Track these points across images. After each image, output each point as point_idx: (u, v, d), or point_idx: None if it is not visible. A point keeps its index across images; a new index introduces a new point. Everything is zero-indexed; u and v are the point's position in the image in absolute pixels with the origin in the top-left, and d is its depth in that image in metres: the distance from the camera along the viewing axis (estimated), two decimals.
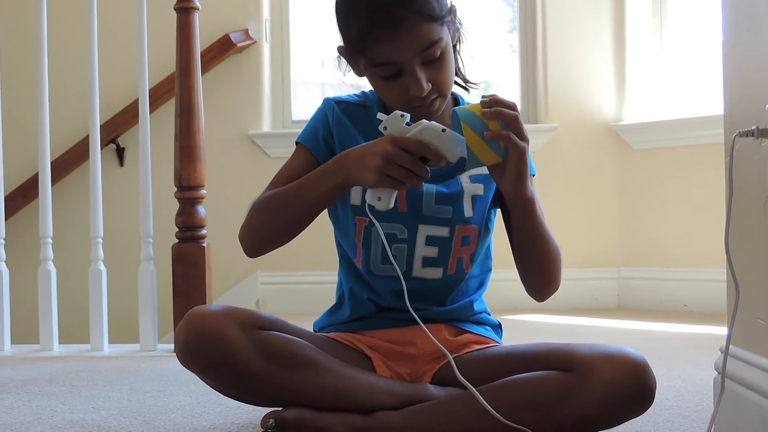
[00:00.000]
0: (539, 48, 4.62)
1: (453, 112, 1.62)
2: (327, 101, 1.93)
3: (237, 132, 4.58)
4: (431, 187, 1.81)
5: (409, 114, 1.64)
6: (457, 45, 1.86)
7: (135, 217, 3.23)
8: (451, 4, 1.79)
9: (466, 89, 1.94)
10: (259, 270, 4.54)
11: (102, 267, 3.18)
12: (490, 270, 1.97)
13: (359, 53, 1.74)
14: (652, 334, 3.59)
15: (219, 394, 1.78)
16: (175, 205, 3.11)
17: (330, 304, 2.00)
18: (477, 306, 1.93)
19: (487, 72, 4.84)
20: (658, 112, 4.54)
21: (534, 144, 4.47)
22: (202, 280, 3.07)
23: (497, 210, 1.92)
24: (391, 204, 1.66)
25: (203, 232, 3.12)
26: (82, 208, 3.88)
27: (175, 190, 3.11)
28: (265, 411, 1.73)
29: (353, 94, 1.95)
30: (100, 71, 3.24)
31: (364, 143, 1.68)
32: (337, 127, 1.88)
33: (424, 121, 1.63)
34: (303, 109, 4.73)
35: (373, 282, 1.87)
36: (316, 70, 4.92)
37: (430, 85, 1.72)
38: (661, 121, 4.45)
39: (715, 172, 3.09)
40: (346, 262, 1.93)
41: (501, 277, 1.82)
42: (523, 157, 1.61)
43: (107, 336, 3.19)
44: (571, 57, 4.59)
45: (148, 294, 3.14)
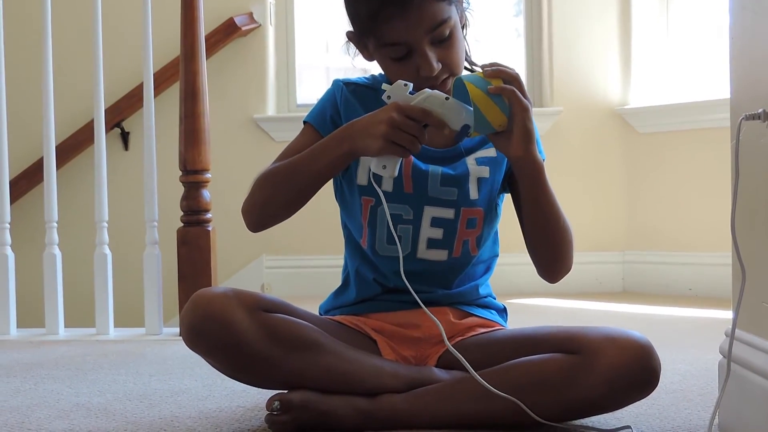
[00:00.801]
0: (544, 32, 4.60)
1: (456, 79, 1.64)
2: (336, 82, 1.93)
3: (242, 116, 4.58)
4: (437, 169, 1.81)
5: (412, 83, 1.65)
6: (465, 28, 1.87)
7: (140, 201, 3.23)
8: None
9: (471, 71, 1.93)
10: (264, 254, 4.55)
11: (107, 251, 3.18)
12: (497, 256, 1.97)
13: (368, 34, 1.74)
14: (657, 318, 3.59)
15: (224, 377, 1.78)
16: (180, 189, 3.11)
17: (335, 287, 2.00)
18: (482, 290, 1.93)
19: (492, 56, 4.82)
20: (664, 95, 4.52)
21: (539, 128, 4.40)
22: (207, 264, 3.07)
23: (505, 195, 1.92)
24: (396, 172, 1.67)
25: (208, 215, 3.12)
26: (87, 192, 3.88)
27: (179, 173, 3.11)
28: (270, 393, 1.74)
29: (362, 77, 1.95)
30: (105, 55, 3.23)
31: (369, 113, 1.69)
32: (345, 108, 1.87)
33: (427, 89, 1.64)
34: (308, 92, 4.73)
35: (379, 262, 1.87)
36: (321, 53, 4.92)
37: (441, 65, 1.72)
38: (666, 104, 4.44)
39: (721, 156, 3.09)
40: (352, 244, 1.93)
41: (506, 261, 1.82)
42: (527, 113, 1.64)
43: (113, 320, 3.20)
44: (576, 41, 4.58)
45: (154, 278, 3.14)
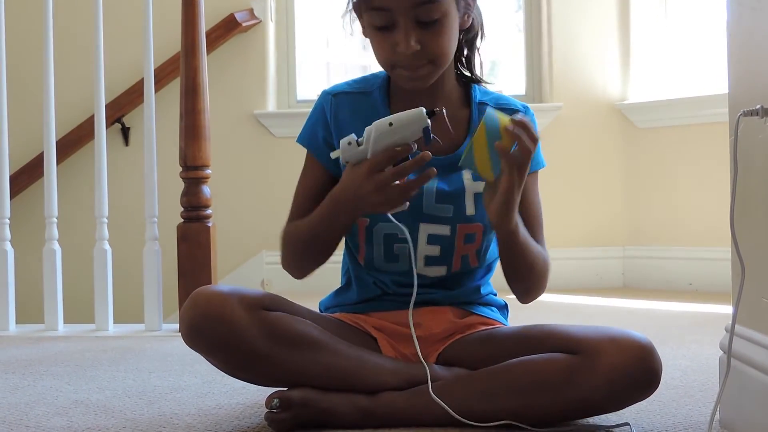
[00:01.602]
0: (544, 27, 4.60)
1: (487, 109, 1.64)
2: (324, 95, 1.90)
3: (242, 111, 4.58)
4: (432, 185, 1.79)
5: (353, 134, 1.65)
6: (475, 38, 1.86)
7: (140, 196, 3.23)
8: None
9: (476, 82, 1.92)
10: (264, 249, 4.55)
11: (107, 246, 3.19)
12: (498, 257, 1.96)
13: None
14: (658, 313, 3.59)
15: (224, 374, 1.78)
16: (181, 185, 3.11)
17: (335, 284, 2.00)
18: (483, 289, 1.93)
19: (493, 51, 4.83)
20: (663, 90, 4.53)
21: (539, 123, 4.43)
22: (207, 260, 3.07)
23: None
24: (406, 205, 1.67)
25: (208, 211, 3.12)
26: (87, 188, 3.88)
27: (180, 169, 3.11)
28: (270, 391, 1.73)
29: (353, 81, 1.93)
30: (106, 50, 3.23)
31: (343, 182, 1.69)
32: (336, 124, 1.86)
33: (367, 127, 1.63)
34: (308, 88, 4.73)
35: (378, 275, 1.87)
36: (322, 49, 4.92)
37: (419, 46, 1.71)
38: (666, 99, 4.44)
39: (720, 151, 3.08)
40: (352, 252, 1.93)
41: None
42: (515, 190, 1.62)
43: (112, 316, 3.20)
44: (576, 36, 4.57)
45: (153, 274, 3.14)
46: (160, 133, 3.30)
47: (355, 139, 1.64)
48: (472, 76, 1.91)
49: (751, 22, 1.57)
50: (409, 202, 1.67)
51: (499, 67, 4.93)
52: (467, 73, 1.91)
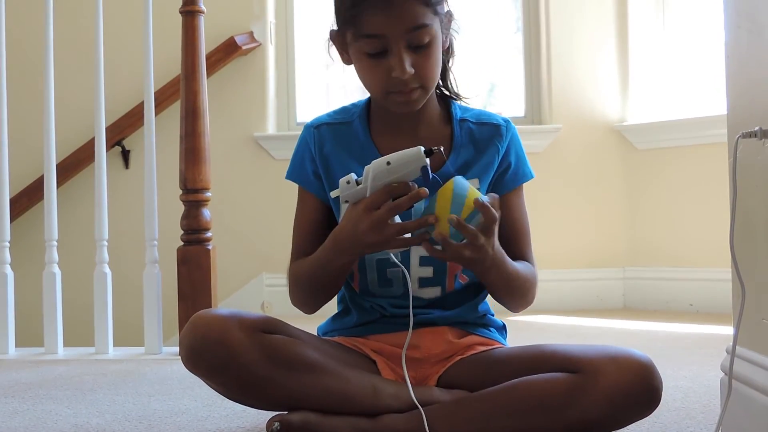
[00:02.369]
0: (543, 49, 4.61)
1: (456, 178, 1.63)
2: (307, 128, 1.92)
3: (242, 134, 4.58)
4: (419, 207, 1.78)
5: (353, 174, 1.65)
6: (449, 57, 1.88)
7: (140, 219, 3.23)
8: (449, 9, 1.80)
9: (455, 99, 1.93)
10: (264, 272, 4.54)
11: (107, 270, 3.18)
12: None
13: (349, 24, 1.74)
14: (658, 334, 3.58)
15: (224, 398, 1.77)
16: (181, 208, 3.11)
17: (331, 309, 2.00)
18: (481, 308, 1.93)
19: (492, 73, 4.84)
20: (662, 112, 4.54)
21: (538, 145, 4.47)
22: (207, 283, 3.06)
23: None
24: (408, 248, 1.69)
25: (208, 234, 3.12)
26: (87, 211, 3.88)
27: (180, 192, 3.11)
28: (270, 415, 1.73)
29: (332, 112, 1.95)
30: (106, 74, 3.24)
31: (342, 221, 1.69)
32: (321, 155, 1.88)
33: (365, 167, 1.64)
34: (308, 111, 4.73)
35: (373, 299, 1.88)
36: (321, 72, 4.93)
37: (413, 70, 1.72)
38: (664, 121, 4.45)
39: (719, 172, 3.08)
40: (346, 280, 1.93)
41: None
42: (463, 262, 1.64)
43: (112, 339, 3.19)
44: (574, 58, 4.59)
45: (153, 297, 3.14)
46: (160, 156, 3.30)
47: (354, 178, 1.65)
48: (450, 94, 1.92)
49: (749, 43, 1.58)
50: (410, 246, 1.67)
51: (498, 89, 4.94)
52: (446, 92, 1.92)
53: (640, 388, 1.61)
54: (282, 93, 4.72)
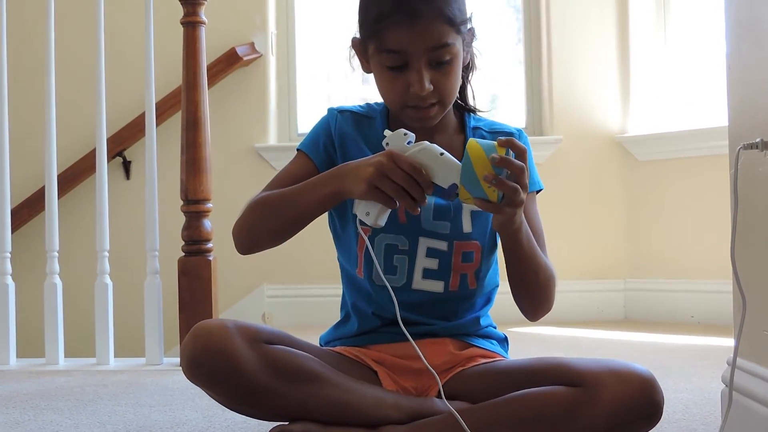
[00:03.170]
0: (544, 60, 4.62)
1: (469, 141, 1.60)
2: (331, 111, 1.94)
3: (243, 145, 4.59)
4: (430, 201, 1.81)
5: (413, 134, 1.65)
6: (469, 72, 1.89)
7: (141, 230, 3.23)
8: (472, 26, 1.81)
9: (472, 112, 1.94)
10: (265, 283, 4.54)
11: (108, 280, 3.18)
12: (497, 286, 1.96)
13: (372, 37, 1.75)
14: (659, 346, 3.58)
15: (225, 408, 1.77)
16: (182, 219, 3.11)
17: (336, 316, 2.00)
18: (483, 321, 1.93)
19: (493, 84, 4.85)
20: (663, 123, 4.54)
21: (539, 156, 4.46)
22: (208, 294, 3.07)
23: None
24: (380, 222, 1.66)
25: (209, 245, 3.12)
26: (88, 222, 3.88)
27: (181, 203, 3.11)
28: (271, 425, 1.73)
29: (358, 105, 1.96)
30: (107, 85, 3.25)
31: (365, 157, 1.69)
32: (339, 136, 1.89)
33: (426, 142, 1.63)
34: (309, 122, 4.73)
35: (375, 293, 1.87)
36: (322, 83, 4.93)
37: (432, 87, 1.73)
38: (666, 132, 4.45)
39: (720, 184, 3.09)
40: (349, 279, 1.93)
41: (508, 290, 1.82)
42: (515, 214, 1.62)
43: (113, 350, 3.19)
44: (575, 69, 4.59)
45: (154, 307, 3.14)
46: (161, 167, 3.30)
47: (412, 137, 1.65)
48: (466, 107, 1.93)
49: (750, 56, 1.58)
50: (382, 223, 1.67)
51: (500, 100, 4.95)
52: (462, 103, 1.93)
53: (641, 402, 1.60)
54: (283, 104, 4.73)
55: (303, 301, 4.50)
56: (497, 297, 1.99)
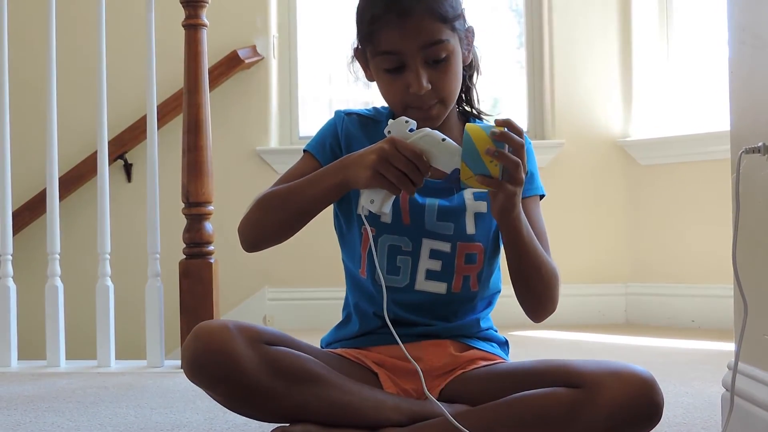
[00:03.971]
0: (546, 64, 4.62)
1: (467, 126, 1.61)
2: (338, 113, 1.95)
3: (245, 148, 4.59)
4: (433, 202, 1.82)
5: (415, 122, 1.65)
6: (474, 73, 1.89)
7: (142, 233, 3.23)
8: (470, 26, 1.81)
9: (476, 116, 1.94)
10: (266, 286, 4.54)
11: (109, 283, 3.18)
12: (499, 291, 1.96)
13: (367, 41, 1.77)
14: (660, 350, 3.58)
15: (226, 410, 1.77)
16: (183, 221, 3.12)
17: (337, 319, 2.00)
18: (483, 323, 1.93)
19: (495, 87, 4.85)
20: (665, 127, 4.54)
21: (541, 160, 4.46)
22: (209, 296, 3.07)
23: None
24: (385, 208, 1.67)
25: (210, 248, 3.12)
26: (89, 224, 3.88)
27: (182, 205, 3.11)
28: (271, 427, 1.73)
29: (364, 109, 1.98)
30: (109, 88, 3.25)
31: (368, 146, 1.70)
32: (346, 137, 1.90)
33: (427, 128, 1.64)
34: (310, 125, 4.74)
35: (377, 294, 1.87)
36: (324, 86, 4.94)
37: (430, 85, 1.74)
38: (668, 136, 4.45)
39: (722, 188, 3.09)
40: (352, 279, 1.93)
41: (509, 293, 1.82)
42: (516, 193, 1.62)
43: (114, 352, 3.19)
44: (577, 73, 4.59)
45: (156, 310, 3.14)
46: (163, 170, 3.30)
47: (413, 125, 1.65)
48: (472, 111, 1.94)
49: (753, 60, 1.58)
50: (387, 210, 1.67)
51: (501, 104, 4.95)
52: (468, 108, 1.94)
53: (641, 403, 1.60)
54: (284, 107, 4.73)
55: (304, 304, 4.50)
56: (499, 301, 1.99)
